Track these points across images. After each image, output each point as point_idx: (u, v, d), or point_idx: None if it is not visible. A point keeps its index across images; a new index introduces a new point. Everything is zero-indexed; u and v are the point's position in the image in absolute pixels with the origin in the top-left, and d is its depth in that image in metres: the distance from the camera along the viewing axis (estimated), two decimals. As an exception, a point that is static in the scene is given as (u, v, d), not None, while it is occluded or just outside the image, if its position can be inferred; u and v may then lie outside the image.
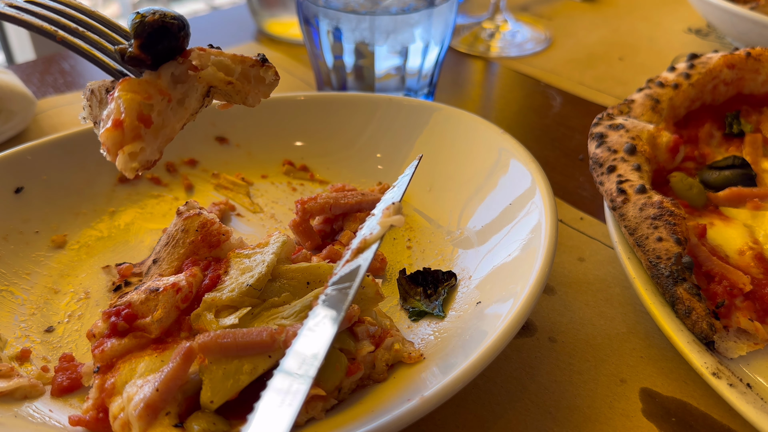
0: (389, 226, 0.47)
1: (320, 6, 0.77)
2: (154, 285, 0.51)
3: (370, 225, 0.48)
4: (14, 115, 0.83)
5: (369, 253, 0.45)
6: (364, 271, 0.44)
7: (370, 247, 0.46)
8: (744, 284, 0.53)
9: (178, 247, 0.56)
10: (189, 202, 0.60)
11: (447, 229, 0.65)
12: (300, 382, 0.37)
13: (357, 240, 0.47)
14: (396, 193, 0.52)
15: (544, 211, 0.56)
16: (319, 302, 0.43)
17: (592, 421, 0.50)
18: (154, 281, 0.52)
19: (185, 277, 0.52)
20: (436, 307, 0.55)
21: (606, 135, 0.65)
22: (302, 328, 0.41)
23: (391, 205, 0.48)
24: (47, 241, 0.64)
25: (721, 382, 0.46)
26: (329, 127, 0.76)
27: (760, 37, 0.94)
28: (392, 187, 0.54)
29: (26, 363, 0.52)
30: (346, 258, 0.47)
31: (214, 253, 0.57)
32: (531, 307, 0.47)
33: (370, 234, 0.47)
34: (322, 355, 0.39)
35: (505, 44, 1.13)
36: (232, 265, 0.54)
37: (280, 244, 0.55)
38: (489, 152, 0.67)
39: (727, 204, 0.62)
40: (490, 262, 0.57)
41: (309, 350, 0.39)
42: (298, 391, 0.37)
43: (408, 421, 0.40)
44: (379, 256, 0.61)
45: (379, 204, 0.52)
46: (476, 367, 0.42)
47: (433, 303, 0.56)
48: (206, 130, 0.75)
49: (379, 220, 0.47)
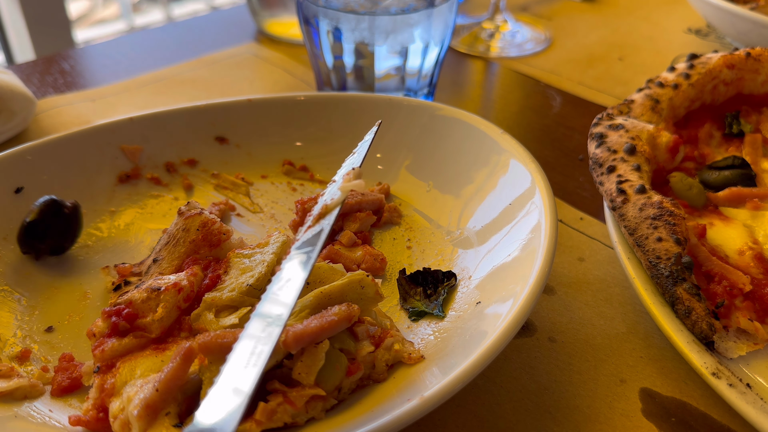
0: (349, 190, 0.50)
1: (320, 6, 0.77)
2: (155, 284, 0.51)
3: (331, 191, 0.51)
4: (14, 115, 0.83)
5: (330, 218, 0.48)
6: (326, 234, 0.47)
7: (332, 212, 0.49)
8: (744, 284, 0.53)
9: (179, 246, 0.56)
10: (190, 203, 0.60)
11: (447, 229, 0.65)
12: (264, 343, 0.39)
13: (318, 206, 0.50)
14: (356, 159, 0.55)
15: (543, 211, 0.56)
16: (282, 266, 0.45)
17: (592, 421, 0.50)
18: (155, 280, 0.52)
19: (186, 276, 0.52)
20: (436, 307, 0.55)
21: (606, 135, 0.65)
22: (266, 293, 0.43)
23: (351, 171, 0.51)
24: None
25: (720, 382, 0.46)
26: (329, 127, 0.76)
27: (760, 38, 0.94)
28: (352, 154, 0.57)
29: (26, 363, 0.52)
30: (308, 224, 0.49)
31: (214, 253, 0.57)
32: (531, 307, 0.47)
33: (331, 200, 0.50)
34: (286, 317, 0.40)
35: (504, 44, 1.13)
36: (232, 264, 0.54)
37: (280, 244, 0.55)
38: (489, 152, 0.67)
39: (726, 204, 0.63)
40: (489, 262, 0.57)
41: (274, 311, 0.41)
42: (261, 352, 0.38)
43: (408, 421, 0.40)
44: (378, 256, 0.61)
45: (340, 170, 0.54)
46: (476, 367, 0.42)
47: (432, 303, 0.56)
48: (206, 130, 0.75)
49: (340, 185, 0.50)
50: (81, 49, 1.12)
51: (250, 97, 0.76)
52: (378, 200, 0.67)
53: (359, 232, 0.65)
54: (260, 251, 0.55)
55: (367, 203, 0.66)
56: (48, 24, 2.11)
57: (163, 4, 3.49)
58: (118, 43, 1.15)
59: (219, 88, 0.97)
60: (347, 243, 0.62)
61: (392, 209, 0.67)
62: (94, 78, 1.02)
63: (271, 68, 1.03)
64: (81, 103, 0.92)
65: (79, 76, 1.02)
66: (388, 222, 0.67)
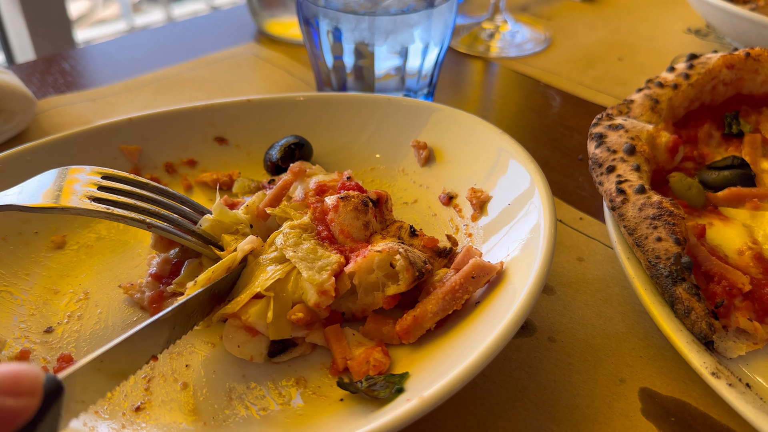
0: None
1: (320, 6, 0.77)
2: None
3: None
4: (14, 115, 0.83)
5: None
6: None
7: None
8: (743, 284, 0.53)
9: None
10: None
11: (446, 230, 0.65)
12: None
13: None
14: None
15: (543, 211, 0.56)
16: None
17: (591, 421, 0.50)
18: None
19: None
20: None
21: (605, 135, 0.65)
22: None
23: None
24: (47, 242, 0.64)
25: (720, 382, 0.46)
26: (328, 127, 0.76)
27: (760, 38, 0.94)
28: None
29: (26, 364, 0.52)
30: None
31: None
32: (530, 307, 0.47)
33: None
34: None
35: (504, 44, 1.13)
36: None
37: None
38: (488, 153, 0.67)
39: (726, 204, 0.63)
40: (492, 261, 0.57)
41: None
42: None
43: (407, 421, 0.40)
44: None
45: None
46: (475, 367, 0.42)
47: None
48: (205, 130, 0.75)
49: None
50: (81, 49, 1.12)
51: (249, 97, 0.76)
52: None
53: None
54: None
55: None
56: (48, 24, 2.12)
57: (163, 4, 3.49)
58: (118, 43, 1.15)
59: (219, 88, 0.97)
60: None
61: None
62: (94, 78, 1.02)
63: (271, 68, 1.03)
64: (81, 103, 0.92)
65: (80, 76, 1.02)
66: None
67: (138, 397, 0.50)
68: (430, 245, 0.58)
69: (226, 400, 0.49)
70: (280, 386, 0.50)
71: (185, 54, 1.08)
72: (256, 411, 0.48)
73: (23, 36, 2.11)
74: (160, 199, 0.59)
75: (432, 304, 0.52)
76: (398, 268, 0.52)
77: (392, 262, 0.53)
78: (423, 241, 0.58)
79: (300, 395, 0.50)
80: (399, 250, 0.53)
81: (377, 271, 0.53)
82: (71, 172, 0.57)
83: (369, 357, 0.50)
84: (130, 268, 0.62)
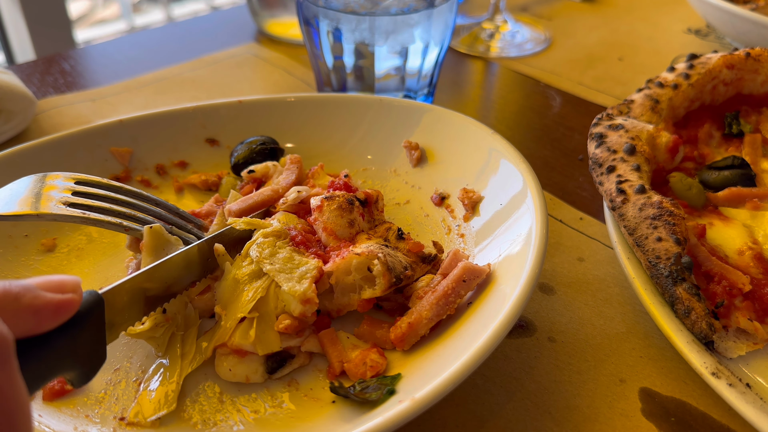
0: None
1: (320, 6, 0.77)
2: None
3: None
4: (14, 115, 0.83)
5: None
6: None
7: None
8: (743, 284, 0.53)
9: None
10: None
11: (438, 231, 0.65)
12: None
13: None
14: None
15: (534, 210, 0.56)
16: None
17: (592, 421, 0.50)
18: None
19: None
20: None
21: (605, 135, 0.65)
22: None
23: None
24: (37, 245, 0.63)
25: (720, 382, 0.46)
26: (320, 128, 0.75)
27: (760, 38, 0.94)
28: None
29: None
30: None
31: None
32: (522, 307, 0.47)
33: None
34: None
35: (504, 45, 1.13)
36: None
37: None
38: (480, 153, 0.67)
39: (726, 204, 0.63)
40: (481, 262, 0.57)
41: None
42: None
43: (399, 423, 0.40)
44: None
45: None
46: (467, 368, 0.42)
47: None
48: (196, 132, 0.75)
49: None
50: (81, 50, 1.12)
51: (240, 98, 0.76)
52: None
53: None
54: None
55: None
56: (48, 24, 2.12)
57: (163, 4, 3.49)
58: (118, 43, 1.15)
59: (219, 88, 0.97)
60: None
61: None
62: (94, 78, 1.02)
63: (271, 68, 1.03)
64: (81, 104, 0.92)
65: (80, 77, 1.02)
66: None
67: (129, 400, 0.49)
68: (415, 250, 0.58)
69: (217, 404, 0.49)
70: (272, 389, 0.50)
71: (185, 54, 1.08)
72: (248, 414, 0.48)
73: (23, 36, 2.11)
74: (136, 203, 0.59)
75: (427, 311, 0.51)
76: (375, 273, 0.52)
77: (370, 266, 0.52)
78: (409, 246, 0.58)
79: (291, 398, 0.49)
80: (378, 255, 0.53)
81: (354, 273, 0.53)
82: (48, 178, 0.58)
83: (366, 358, 0.50)
84: (121, 270, 0.62)
